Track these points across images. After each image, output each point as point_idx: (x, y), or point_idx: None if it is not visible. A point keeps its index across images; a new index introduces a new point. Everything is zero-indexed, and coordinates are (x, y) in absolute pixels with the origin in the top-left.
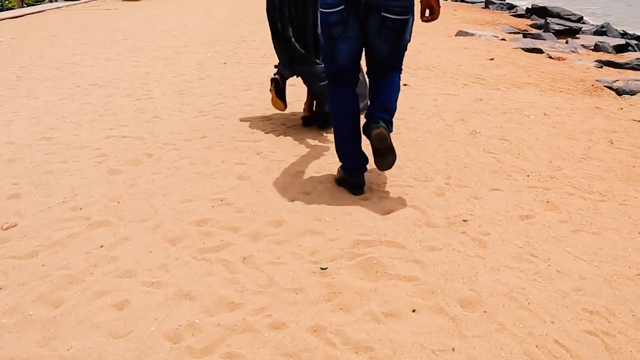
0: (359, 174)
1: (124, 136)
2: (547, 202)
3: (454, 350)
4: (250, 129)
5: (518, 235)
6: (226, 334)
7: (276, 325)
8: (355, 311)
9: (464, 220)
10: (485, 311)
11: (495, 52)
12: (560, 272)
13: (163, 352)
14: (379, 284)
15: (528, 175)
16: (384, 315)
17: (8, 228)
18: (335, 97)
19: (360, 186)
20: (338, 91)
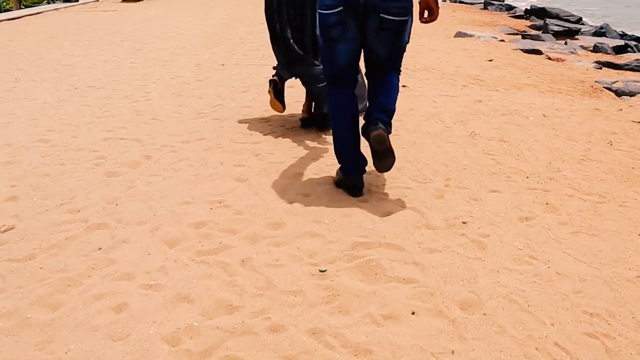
0: (358, 175)
1: (122, 138)
2: (547, 204)
3: (453, 352)
4: (249, 130)
5: (517, 237)
6: (225, 336)
7: (275, 328)
8: (354, 314)
9: (463, 222)
10: (484, 313)
11: (494, 54)
12: (560, 274)
13: (161, 355)
14: (378, 287)
15: (527, 177)
16: (383, 317)
17: (5, 231)
18: (334, 99)
19: (359, 188)
20: (337, 92)
